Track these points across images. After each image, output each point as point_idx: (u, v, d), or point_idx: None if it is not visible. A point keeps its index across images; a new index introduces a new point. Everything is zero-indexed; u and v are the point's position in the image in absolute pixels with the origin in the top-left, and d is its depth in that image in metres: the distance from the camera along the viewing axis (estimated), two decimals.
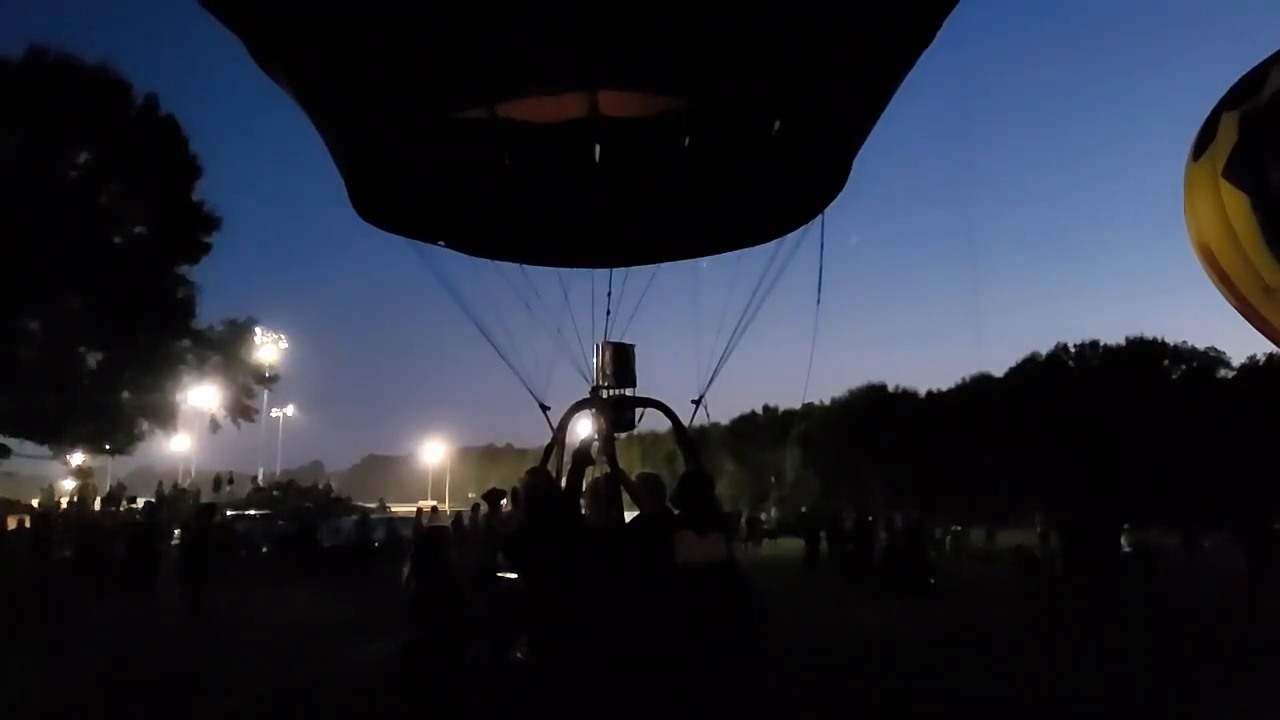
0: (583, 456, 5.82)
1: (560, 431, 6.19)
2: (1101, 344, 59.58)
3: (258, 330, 40.88)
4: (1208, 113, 17.97)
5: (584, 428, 6.47)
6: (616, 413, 5.99)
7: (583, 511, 5.83)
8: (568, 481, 5.79)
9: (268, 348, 44.69)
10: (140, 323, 30.39)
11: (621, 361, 6.08)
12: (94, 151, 30.08)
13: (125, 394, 32.24)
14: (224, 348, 35.50)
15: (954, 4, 6.37)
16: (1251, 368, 53.37)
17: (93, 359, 31.82)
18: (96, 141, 29.82)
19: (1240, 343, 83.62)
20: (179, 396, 35.76)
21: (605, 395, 6.02)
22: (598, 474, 5.77)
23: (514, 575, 5.75)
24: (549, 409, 6.26)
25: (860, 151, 6.36)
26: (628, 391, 6.13)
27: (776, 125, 5.84)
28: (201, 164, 32.67)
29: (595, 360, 6.08)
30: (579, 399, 6.10)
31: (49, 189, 28.22)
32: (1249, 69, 17.49)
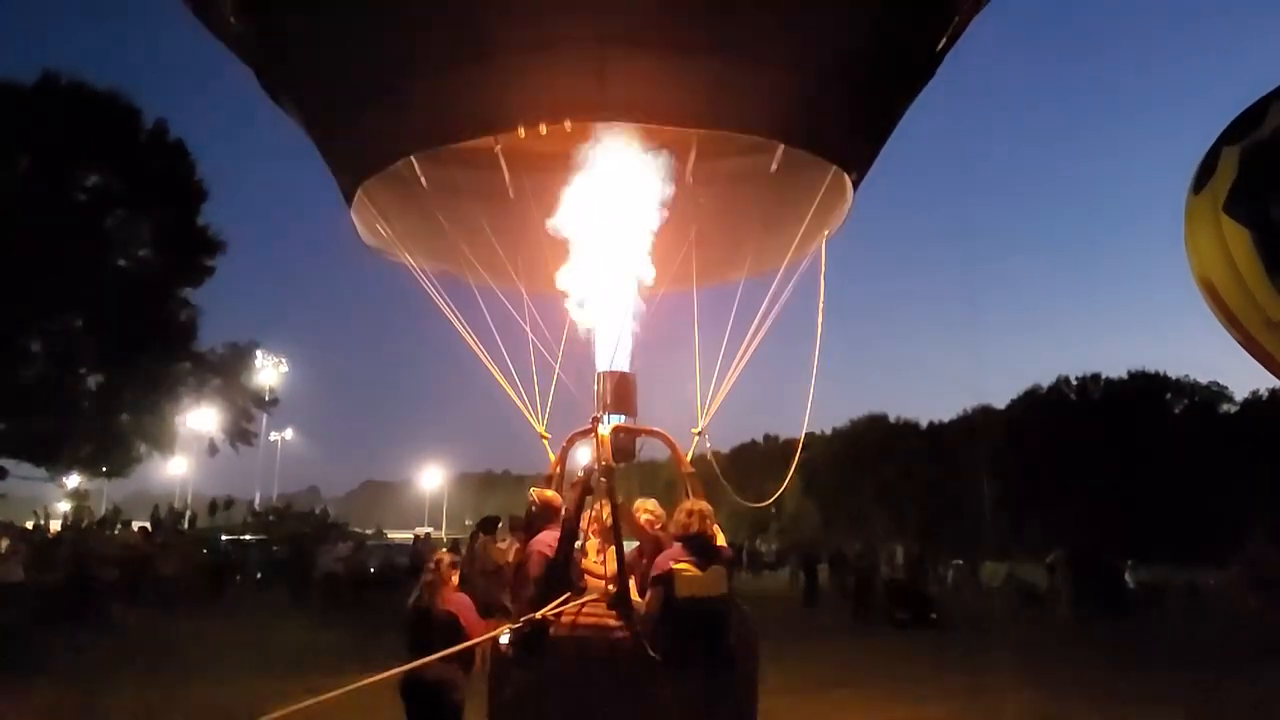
0: (582, 487, 5.74)
1: (560, 461, 6.11)
2: (1103, 377, 59.59)
3: (258, 353, 40.83)
4: (1207, 145, 18.02)
5: (583, 457, 6.39)
6: (616, 442, 5.92)
7: (582, 542, 5.74)
8: (567, 513, 5.71)
9: (268, 371, 44.64)
10: (142, 345, 30.35)
11: (622, 391, 6.01)
12: (102, 175, 30.23)
13: (124, 416, 32.12)
14: (224, 370, 35.38)
15: (955, 38, 6.40)
16: (1254, 403, 53.25)
17: (93, 381, 31.74)
18: (105, 166, 29.98)
19: (1243, 377, 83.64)
20: (178, 419, 35.64)
21: (605, 424, 5.94)
22: (597, 504, 5.69)
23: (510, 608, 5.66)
24: (548, 438, 6.19)
25: (862, 184, 6.35)
26: (627, 421, 6.06)
27: (779, 154, 5.85)
28: (208, 188, 32.81)
29: (595, 389, 6.01)
30: (578, 429, 6.03)
31: (56, 212, 28.33)
32: (1249, 104, 17.55)
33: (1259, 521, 15.30)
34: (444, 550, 6.75)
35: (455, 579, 6.13)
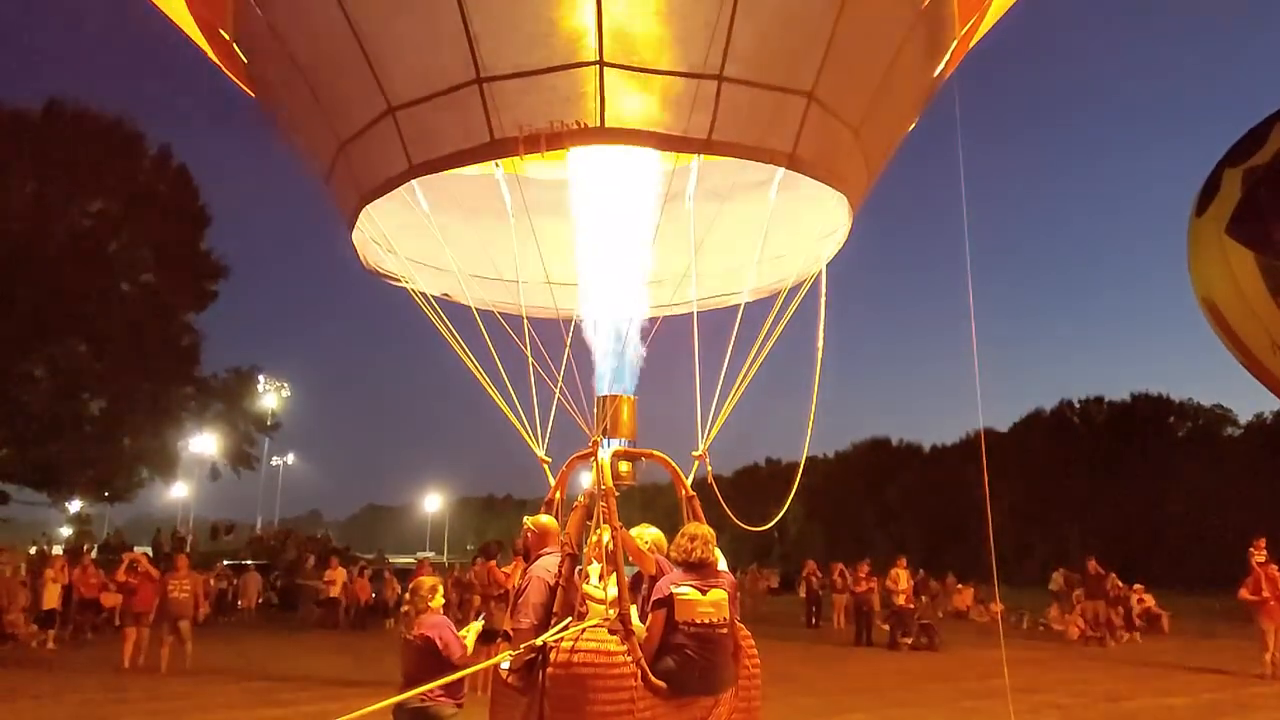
0: (582, 512, 5.72)
1: (559, 486, 6.08)
2: (1106, 400, 59.47)
3: (260, 378, 40.86)
4: (1210, 166, 18.08)
5: (584, 481, 6.36)
6: (616, 466, 5.89)
7: (582, 568, 5.71)
8: (567, 537, 5.68)
9: (270, 395, 44.60)
10: (144, 370, 30.42)
11: (622, 414, 5.99)
12: (107, 201, 30.40)
13: (126, 441, 32.13)
14: (226, 395, 35.43)
15: (953, 65, 6.42)
16: (1259, 425, 53.04)
17: (95, 405, 31.78)
18: (110, 191, 30.16)
19: (1247, 400, 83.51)
20: (180, 443, 35.65)
21: (605, 448, 5.92)
22: (597, 529, 5.66)
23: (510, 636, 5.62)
24: (549, 462, 6.16)
25: (862, 205, 6.36)
26: (628, 444, 6.04)
27: (778, 179, 5.86)
28: (211, 213, 32.99)
29: (595, 412, 5.99)
30: (578, 452, 6.01)
31: (61, 237, 28.50)
32: (1251, 126, 17.61)
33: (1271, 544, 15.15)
34: (422, 576, 6.72)
35: (436, 600, 6.11)
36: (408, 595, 6.11)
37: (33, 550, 29.15)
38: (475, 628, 6.06)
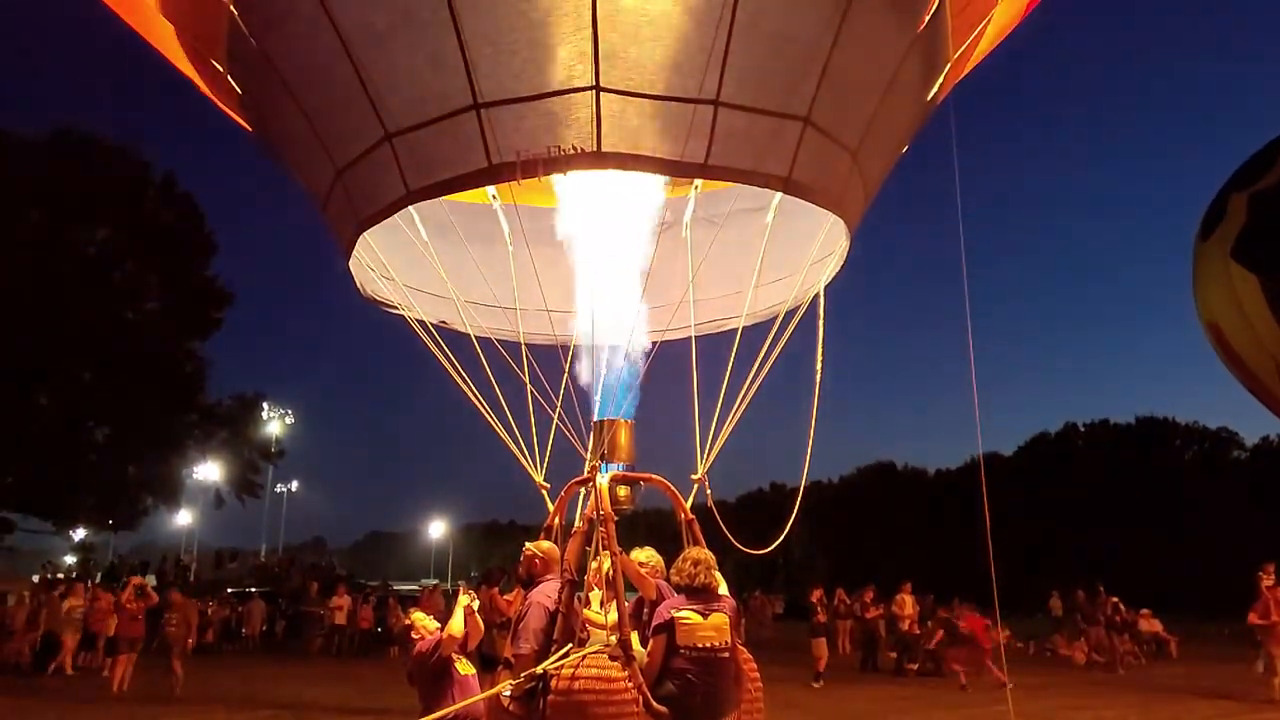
0: (581, 538, 5.70)
1: (558, 512, 6.06)
2: (1111, 422, 59.19)
3: (265, 405, 40.85)
4: (1213, 190, 18.09)
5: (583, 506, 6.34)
6: (615, 490, 5.87)
7: (582, 594, 5.68)
8: (566, 564, 5.65)
9: (274, 423, 44.56)
10: (149, 397, 30.41)
11: (620, 438, 5.98)
12: (112, 229, 30.53)
13: (130, 469, 32.10)
14: (231, 423, 35.38)
15: (948, 89, 6.46)
16: (1265, 448, 52.73)
17: (100, 433, 31.79)
18: (115, 219, 30.28)
19: (1253, 423, 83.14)
20: (184, 471, 35.61)
21: (604, 473, 5.91)
22: (596, 554, 5.63)
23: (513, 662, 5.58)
24: (547, 488, 6.14)
25: (859, 227, 6.37)
26: (626, 469, 6.02)
27: (775, 202, 5.87)
28: (216, 241, 33.10)
29: (593, 437, 5.98)
30: (576, 478, 5.99)
31: (66, 265, 28.57)
32: (1256, 150, 17.63)
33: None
34: (415, 612, 6.66)
35: (428, 625, 6.06)
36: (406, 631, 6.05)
37: (35, 580, 29.08)
38: (464, 600, 5.93)
